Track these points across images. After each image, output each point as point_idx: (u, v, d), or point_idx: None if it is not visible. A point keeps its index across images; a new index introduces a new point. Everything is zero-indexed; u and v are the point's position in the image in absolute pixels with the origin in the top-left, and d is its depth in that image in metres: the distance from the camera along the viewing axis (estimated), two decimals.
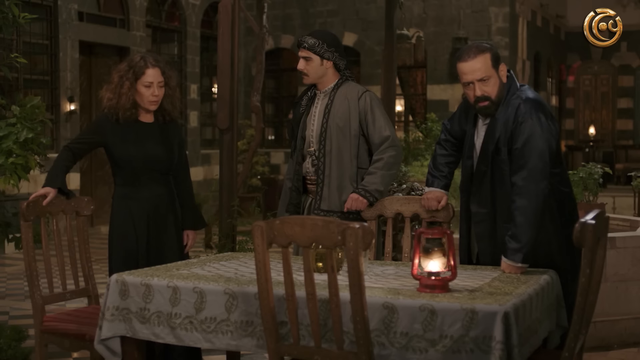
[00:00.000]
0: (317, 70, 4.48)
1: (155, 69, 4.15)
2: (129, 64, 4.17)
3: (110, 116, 4.15)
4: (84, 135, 4.32)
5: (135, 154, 4.12)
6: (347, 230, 2.81)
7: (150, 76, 4.13)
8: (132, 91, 4.12)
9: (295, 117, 4.62)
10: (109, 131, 4.14)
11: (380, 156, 4.41)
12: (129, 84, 4.12)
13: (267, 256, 3.00)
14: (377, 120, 4.43)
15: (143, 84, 4.12)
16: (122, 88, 4.12)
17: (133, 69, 4.13)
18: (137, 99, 4.15)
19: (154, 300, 3.37)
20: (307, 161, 4.53)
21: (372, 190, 4.32)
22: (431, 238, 3.13)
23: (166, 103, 4.24)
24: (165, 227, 4.19)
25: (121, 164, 4.14)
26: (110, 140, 4.14)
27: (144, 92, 4.13)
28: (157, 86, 4.15)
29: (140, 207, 4.13)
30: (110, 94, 4.15)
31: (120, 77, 4.14)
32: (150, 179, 4.16)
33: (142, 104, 4.16)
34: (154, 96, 4.15)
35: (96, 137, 4.20)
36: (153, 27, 13.94)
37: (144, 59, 4.17)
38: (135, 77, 4.12)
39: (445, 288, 3.12)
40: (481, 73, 3.71)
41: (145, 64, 4.14)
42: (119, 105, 4.12)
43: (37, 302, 3.95)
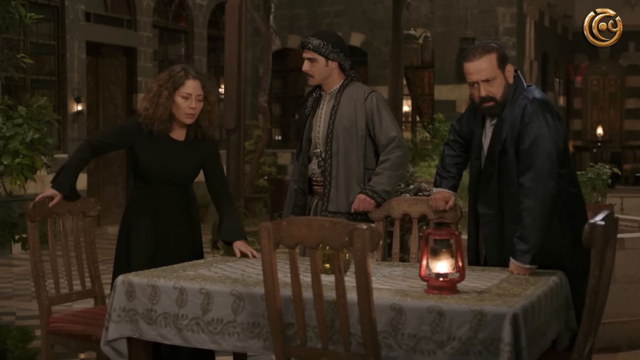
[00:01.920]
0: (322, 71, 4.46)
1: (196, 81, 3.99)
2: (169, 73, 4.03)
3: (143, 125, 3.99)
4: (109, 135, 4.14)
5: (157, 170, 4.00)
6: (355, 232, 2.79)
7: (190, 88, 3.97)
8: (170, 102, 3.96)
9: (301, 119, 4.60)
10: (136, 140, 4.01)
11: (387, 157, 4.39)
12: (167, 93, 3.96)
13: (274, 257, 2.98)
14: (384, 121, 4.42)
15: (181, 94, 3.96)
16: (159, 98, 3.96)
17: (173, 79, 3.98)
18: (174, 110, 3.98)
19: (160, 301, 3.36)
20: (313, 162, 4.51)
21: (379, 191, 4.31)
22: (439, 239, 3.11)
23: (203, 119, 4.07)
24: (178, 236, 4.08)
25: (141, 172, 4.06)
26: (136, 147, 4.02)
27: (181, 103, 3.96)
28: (196, 99, 3.98)
29: (156, 211, 4.04)
30: (148, 103, 3.99)
31: (159, 86, 3.99)
32: (167, 190, 4.05)
33: (178, 116, 3.99)
34: (191, 109, 3.98)
35: (122, 142, 4.10)
36: (160, 28, 13.94)
37: (185, 70, 4.01)
38: (174, 87, 3.96)
39: (453, 289, 3.10)
40: (486, 73, 3.69)
41: (185, 75, 3.99)
42: (155, 116, 3.96)
43: (43, 302, 3.94)
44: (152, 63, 13.44)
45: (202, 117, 4.06)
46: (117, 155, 12.95)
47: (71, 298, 4.15)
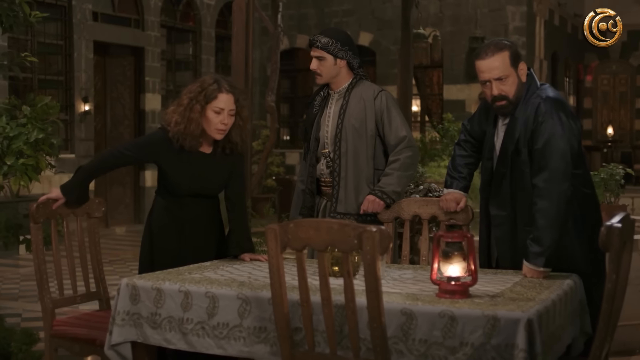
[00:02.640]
0: (330, 69, 4.38)
1: (229, 96, 3.81)
2: (201, 85, 3.82)
3: (173, 141, 3.81)
4: (135, 149, 3.97)
5: (188, 185, 3.86)
6: (364, 234, 2.72)
7: (222, 102, 3.79)
8: (202, 116, 3.79)
9: (309, 118, 4.52)
10: (164, 155, 3.84)
11: (396, 157, 4.31)
12: (200, 107, 3.77)
13: (281, 260, 2.90)
14: (394, 121, 4.33)
15: (213, 109, 3.78)
16: (191, 112, 3.77)
17: (205, 92, 3.78)
18: (204, 124, 3.80)
19: (165, 305, 3.29)
20: (322, 163, 4.43)
21: (388, 192, 4.22)
22: (451, 242, 3.03)
23: (234, 134, 3.89)
24: (204, 245, 3.97)
25: (170, 187, 3.91)
26: (164, 163, 3.86)
27: (212, 118, 3.79)
28: (228, 114, 3.80)
29: (181, 221, 3.92)
30: (179, 117, 3.79)
31: (190, 99, 3.79)
32: (196, 202, 3.93)
33: (209, 131, 3.82)
34: (223, 124, 3.80)
35: (147, 157, 3.98)
36: (168, 27, 13.90)
37: (218, 83, 3.82)
38: (206, 101, 3.78)
39: (466, 293, 3.01)
40: (499, 72, 3.61)
41: (218, 88, 3.80)
42: (187, 132, 3.78)
43: (47, 305, 3.87)
44: (159, 63, 13.40)
45: (233, 133, 3.89)
46: None
47: (75, 301, 4.08)
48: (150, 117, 13.18)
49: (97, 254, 4.14)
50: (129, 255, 9.95)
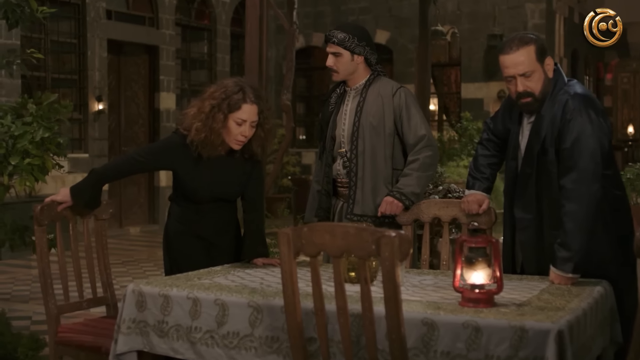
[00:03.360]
0: (347, 66, 4.21)
1: (253, 107, 3.64)
2: (224, 92, 3.63)
3: (191, 148, 3.65)
4: (151, 156, 3.80)
5: (204, 190, 3.72)
6: (382, 239, 2.54)
7: (246, 113, 3.62)
8: (223, 126, 3.63)
9: (324, 116, 4.34)
10: (181, 161, 3.69)
11: (415, 157, 4.13)
12: (222, 117, 3.60)
13: (294, 267, 2.73)
14: (413, 119, 4.16)
15: (235, 119, 3.62)
16: (214, 122, 3.60)
17: (228, 101, 3.61)
18: (224, 133, 3.65)
19: (172, 312, 3.13)
20: (338, 162, 4.26)
21: (407, 193, 4.05)
22: (475, 247, 2.85)
23: (255, 145, 3.75)
24: (223, 251, 3.83)
25: (187, 193, 3.76)
26: (180, 169, 3.71)
27: (233, 129, 3.63)
28: (250, 125, 3.65)
29: (200, 228, 3.77)
30: (200, 125, 3.61)
31: (213, 107, 3.61)
32: (213, 207, 3.79)
33: (227, 140, 3.66)
34: (243, 136, 3.65)
35: (162, 164, 3.82)
36: (182, 26, 13.75)
37: (244, 92, 3.63)
38: (229, 110, 3.61)
39: (490, 302, 2.84)
40: (524, 67, 3.43)
41: (243, 98, 3.62)
42: (208, 141, 3.62)
43: (51, 311, 3.73)
44: (174, 61, 13.27)
45: (254, 143, 3.74)
46: None
47: (81, 306, 3.93)
48: (165, 116, 13.05)
49: (104, 257, 3.99)
50: (143, 256, 9.81)
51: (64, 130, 11.31)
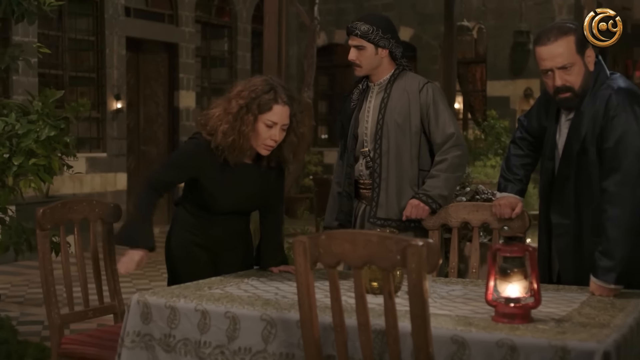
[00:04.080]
0: (371, 60, 3.95)
1: (285, 108, 3.32)
2: (254, 90, 3.31)
3: (216, 153, 3.34)
4: (175, 169, 3.42)
5: (226, 201, 3.43)
6: (408, 249, 2.29)
7: (277, 115, 3.31)
8: (253, 129, 3.31)
9: (346, 113, 4.08)
10: (206, 167, 3.37)
11: (443, 157, 3.86)
12: (252, 118, 3.29)
13: (311, 278, 2.49)
14: (441, 116, 3.89)
15: (264, 121, 3.30)
16: (242, 124, 3.28)
17: (258, 101, 3.29)
18: (251, 136, 3.34)
19: (180, 325, 2.89)
20: (360, 163, 4.00)
21: (434, 196, 3.78)
22: (510, 257, 2.59)
23: (286, 150, 3.43)
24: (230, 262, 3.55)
25: (201, 200, 3.45)
26: (204, 176, 3.39)
27: (261, 131, 3.31)
28: (280, 129, 3.33)
29: (210, 241, 3.51)
30: (228, 127, 3.29)
31: (241, 107, 3.29)
32: (228, 219, 3.51)
33: (254, 145, 3.35)
34: (272, 140, 3.33)
35: (188, 175, 3.41)
36: (202, 23, 13.55)
37: (275, 92, 3.31)
38: (258, 111, 3.30)
39: (527, 318, 2.57)
40: (563, 59, 3.16)
41: (274, 98, 3.30)
42: (236, 146, 3.30)
43: (54, 321, 3.50)
44: (194, 59, 13.07)
45: (285, 147, 3.43)
46: (158, 154, 12.62)
47: (87, 316, 3.70)
48: (185, 115, 12.85)
49: (111, 264, 3.76)
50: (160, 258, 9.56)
51: (81, 129, 11.27)
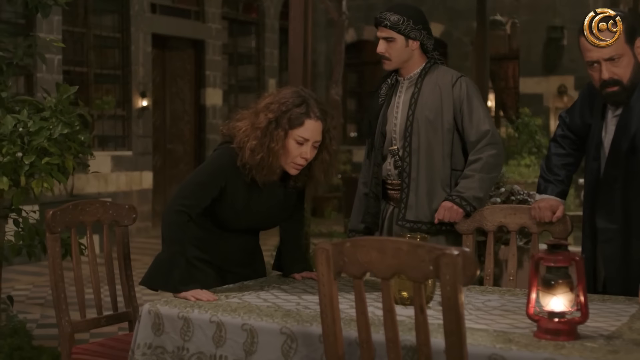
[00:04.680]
0: (401, 53, 3.72)
1: (318, 124, 3.02)
2: (284, 104, 3.00)
3: (243, 172, 3.03)
4: (203, 190, 3.04)
5: (246, 220, 3.15)
6: (442, 259, 2.05)
7: (309, 131, 3.00)
8: (283, 146, 3.01)
9: (373, 109, 3.84)
10: (232, 183, 3.06)
11: (478, 156, 3.62)
12: (283, 134, 2.99)
13: (335, 289, 2.26)
14: (475, 112, 3.65)
15: (295, 137, 3.00)
16: (272, 141, 2.97)
17: (289, 115, 2.99)
18: (281, 153, 3.04)
19: (194, 338, 2.68)
20: (388, 162, 3.76)
21: (468, 197, 3.54)
22: (554, 267, 2.35)
23: (317, 169, 3.13)
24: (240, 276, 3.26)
25: (217, 215, 3.13)
26: (227, 193, 3.07)
27: (292, 148, 3.01)
28: (312, 146, 3.03)
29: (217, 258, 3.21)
30: (256, 144, 2.98)
31: (270, 121, 2.99)
32: (240, 234, 3.23)
33: (283, 162, 3.04)
34: (302, 158, 3.03)
35: (213, 194, 3.05)
36: (229, 19, 13.38)
37: (307, 105, 3.01)
38: (289, 126, 3.00)
39: (573, 334, 2.33)
40: (610, 50, 2.92)
41: (306, 112, 3.00)
42: (265, 165, 2.99)
43: (65, 329, 3.32)
44: (221, 56, 12.90)
45: (316, 166, 3.13)
46: (184, 152, 12.47)
47: (99, 323, 3.51)
48: (211, 113, 12.69)
49: (126, 269, 3.57)
50: None
51: (107, 127, 11.14)
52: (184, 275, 2.92)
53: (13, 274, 8.23)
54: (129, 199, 11.06)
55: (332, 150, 3.14)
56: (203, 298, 2.82)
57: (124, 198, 10.93)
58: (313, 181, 3.19)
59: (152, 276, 2.98)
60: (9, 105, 4.02)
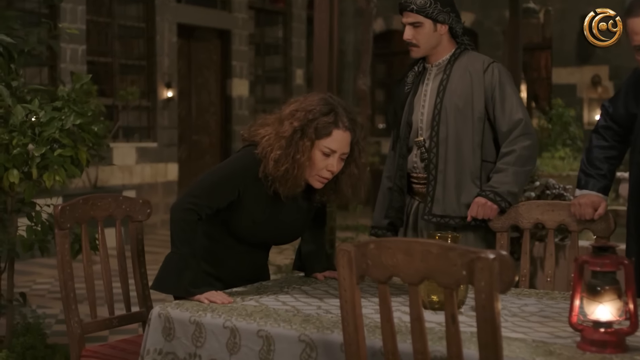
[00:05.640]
0: (429, 38, 3.50)
1: (346, 134, 2.79)
2: (311, 112, 2.78)
3: (265, 183, 2.81)
4: (218, 192, 2.81)
5: (259, 233, 2.92)
6: (477, 263, 1.84)
7: (336, 142, 2.78)
8: (308, 157, 2.78)
9: (399, 98, 3.61)
10: (251, 193, 2.84)
11: (511, 148, 3.39)
12: (309, 144, 2.77)
13: (358, 295, 2.06)
14: (508, 100, 3.41)
15: (321, 148, 2.77)
16: (297, 152, 2.75)
17: (316, 124, 2.76)
18: (307, 165, 2.81)
19: (206, 344, 2.49)
20: (414, 153, 3.54)
21: (503, 193, 3.31)
22: (600, 271, 2.12)
23: (345, 184, 2.89)
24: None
25: (229, 227, 2.91)
26: (245, 203, 2.84)
27: (317, 160, 2.78)
28: (339, 158, 2.80)
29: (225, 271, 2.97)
30: (280, 153, 2.75)
31: (295, 130, 2.76)
32: (250, 249, 3.00)
33: (307, 175, 2.82)
34: (328, 171, 2.81)
35: (229, 195, 2.83)
36: (256, 9, 13.19)
37: (336, 114, 2.78)
38: (315, 136, 2.78)
39: (621, 346, 2.11)
40: None
41: (334, 121, 2.77)
42: (289, 177, 2.77)
43: (74, 331, 3.15)
44: (247, 46, 12.71)
45: (343, 181, 2.89)
46: (210, 144, 12.31)
47: (111, 324, 3.33)
48: (238, 104, 12.51)
49: (140, 266, 3.38)
50: None
51: (131, 118, 11.00)
52: (196, 276, 2.73)
53: (36, 267, 8.12)
54: (153, 191, 10.93)
55: (361, 163, 2.90)
56: (217, 300, 2.64)
57: (149, 190, 10.80)
58: (340, 197, 2.95)
59: (162, 279, 2.79)
60: (21, 94, 3.85)
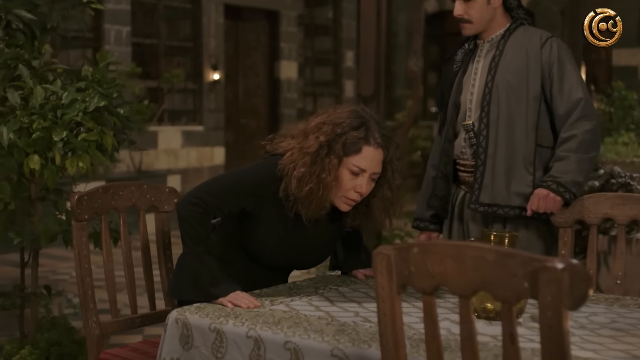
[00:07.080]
0: (482, 12, 3.16)
1: (378, 152, 2.50)
2: (340, 125, 2.48)
3: (287, 204, 2.52)
4: (231, 195, 2.53)
5: (281, 257, 2.65)
6: (542, 274, 1.51)
7: (366, 160, 2.48)
8: (335, 177, 2.49)
9: (447, 78, 3.26)
10: (271, 208, 2.56)
11: (571, 132, 3.02)
12: (337, 162, 2.47)
13: (398, 306, 1.75)
14: (567, 79, 3.04)
15: (349, 166, 2.48)
16: (323, 171, 2.45)
17: (345, 139, 2.47)
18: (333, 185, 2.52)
19: (227, 354, 2.20)
20: (462, 138, 3.19)
21: (566, 183, 2.96)
22: None
23: (377, 208, 2.61)
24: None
25: (249, 248, 2.64)
26: (262, 218, 2.57)
27: (344, 180, 2.49)
28: (369, 178, 2.51)
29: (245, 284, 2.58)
30: (304, 170, 2.46)
31: (321, 145, 2.47)
32: (271, 273, 2.71)
33: (333, 196, 2.52)
34: (357, 193, 2.51)
35: (249, 205, 2.55)
36: None
37: (367, 129, 2.49)
38: (343, 152, 2.48)
39: None
40: None
41: (365, 137, 2.48)
42: (313, 198, 2.48)
43: (92, 332, 2.89)
44: (296, 28, 12.43)
45: (376, 205, 2.61)
46: (258, 127, 12.06)
47: (133, 324, 3.06)
48: (286, 87, 12.25)
49: (166, 261, 3.11)
50: None
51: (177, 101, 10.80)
52: (215, 274, 2.44)
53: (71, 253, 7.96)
54: (199, 175, 10.73)
55: (395, 185, 2.58)
56: (242, 305, 2.35)
57: (195, 174, 10.61)
58: (372, 222, 2.65)
59: (177, 284, 2.51)
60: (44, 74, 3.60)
